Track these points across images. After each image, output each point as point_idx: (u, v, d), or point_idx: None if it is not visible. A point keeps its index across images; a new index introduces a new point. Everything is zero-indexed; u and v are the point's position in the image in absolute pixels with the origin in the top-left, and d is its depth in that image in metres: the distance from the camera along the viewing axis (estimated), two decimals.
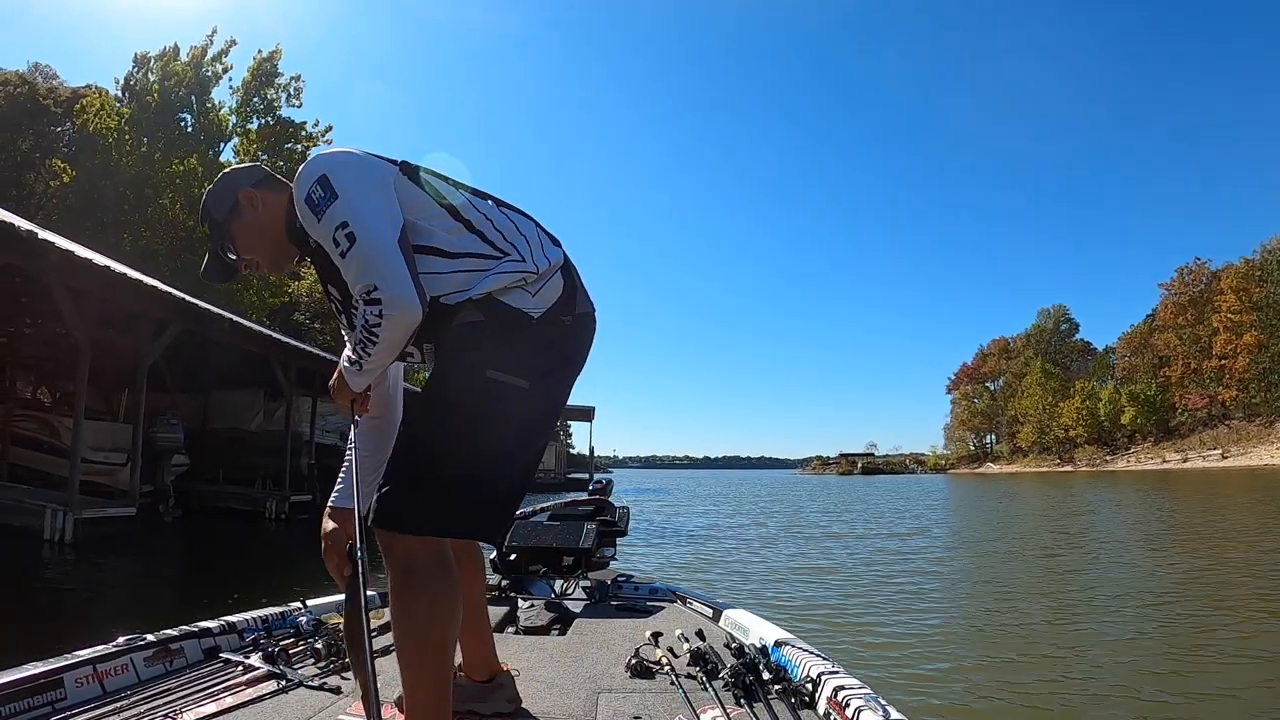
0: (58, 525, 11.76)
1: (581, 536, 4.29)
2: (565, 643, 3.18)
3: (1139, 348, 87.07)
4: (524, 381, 1.82)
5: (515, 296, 1.83)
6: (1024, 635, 6.80)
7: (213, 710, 2.22)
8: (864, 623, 7.31)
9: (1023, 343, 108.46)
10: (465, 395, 1.81)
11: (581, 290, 1.99)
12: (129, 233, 27.09)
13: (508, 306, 1.82)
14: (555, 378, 1.94)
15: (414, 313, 1.70)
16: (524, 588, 4.15)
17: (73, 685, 2.28)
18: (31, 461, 15.85)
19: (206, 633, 2.83)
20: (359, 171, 1.81)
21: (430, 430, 1.84)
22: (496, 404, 1.80)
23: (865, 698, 2.07)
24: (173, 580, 10.50)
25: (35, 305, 14.82)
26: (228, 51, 30.82)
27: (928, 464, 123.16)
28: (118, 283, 12.14)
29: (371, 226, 1.72)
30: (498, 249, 1.85)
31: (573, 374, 2.00)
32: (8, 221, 10.13)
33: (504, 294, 1.83)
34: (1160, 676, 5.47)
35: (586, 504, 4.75)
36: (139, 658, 2.54)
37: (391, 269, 1.69)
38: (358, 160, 1.85)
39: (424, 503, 1.79)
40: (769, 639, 2.87)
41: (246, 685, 2.45)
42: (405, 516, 1.79)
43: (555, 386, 1.95)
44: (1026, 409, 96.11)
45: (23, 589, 8.80)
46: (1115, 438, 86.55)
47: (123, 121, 28.87)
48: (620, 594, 4.12)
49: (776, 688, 2.40)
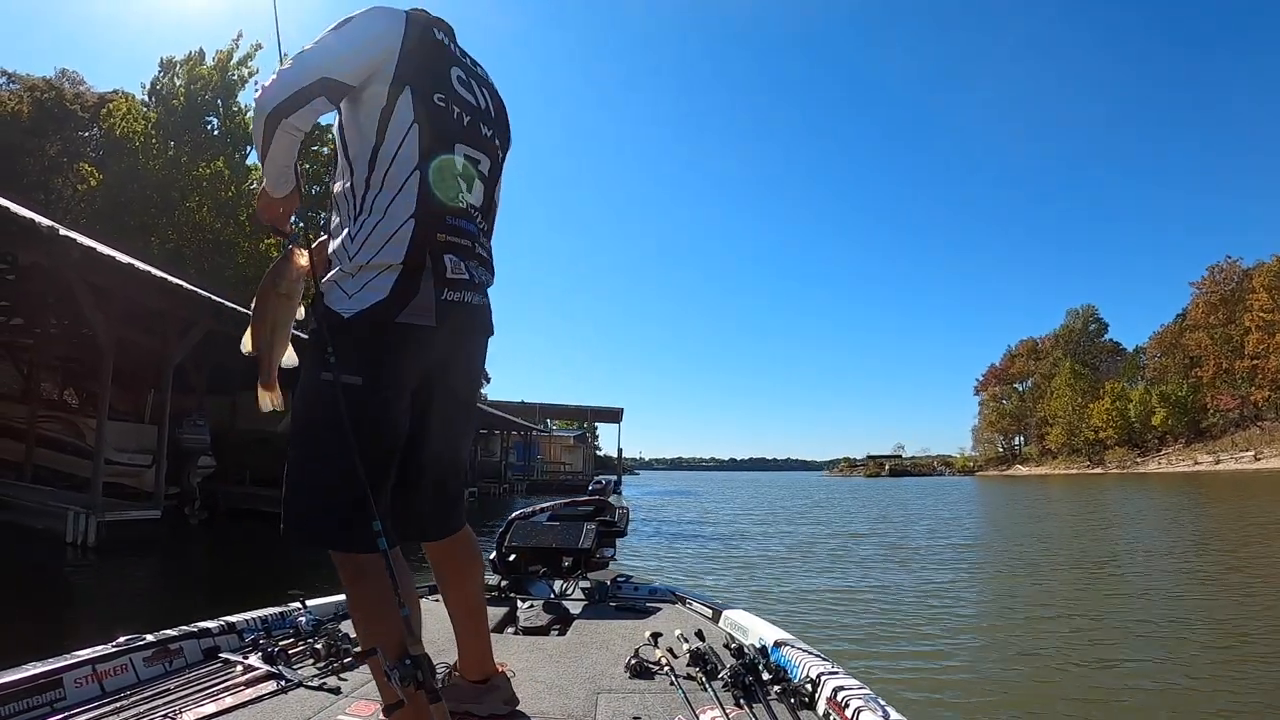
0: (80, 528, 11.63)
1: (581, 537, 4.31)
2: (565, 643, 3.19)
3: (1170, 348, 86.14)
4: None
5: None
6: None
7: (212, 710, 2.21)
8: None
9: (1051, 343, 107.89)
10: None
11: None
12: (156, 235, 27.04)
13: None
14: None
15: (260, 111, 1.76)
16: (523, 588, 4.15)
17: (72, 685, 2.27)
18: (56, 463, 15.78)
19: (206, 633, 2.83)
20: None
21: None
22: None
23: (865, 698, 2.06)
24: (196, 584, 10.30)
25: (60, 306, 14.78)
26: (253, 55, 30.68)
27: (955, 466, 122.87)
28: (140, 280, 12.00)
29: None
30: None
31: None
32: (28, 218, 9.98)
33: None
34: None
35: (586, 504, 4.73)
36: (138, 658, 2.53)
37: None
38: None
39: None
40: (768, 639, 2.89)
41: (246, 685, 2.45)
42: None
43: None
44: (1055, 410, 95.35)
45: (40, 593, 8.66)
46: (1146, 439, 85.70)
47: (149, 125, 28.82)
48: (620, 594, 4.13)
49: (776, 688, 2.37)
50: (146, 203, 27.70)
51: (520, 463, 49.51)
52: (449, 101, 1.92)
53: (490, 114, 2.09)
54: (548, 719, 2.27)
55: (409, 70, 1.83)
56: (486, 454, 43.48)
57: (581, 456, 67.00)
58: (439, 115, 1.89)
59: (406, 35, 1.84)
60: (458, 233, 1.94)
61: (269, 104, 1.73)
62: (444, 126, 1.91)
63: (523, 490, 40.49)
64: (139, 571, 10.80)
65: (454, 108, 1.94)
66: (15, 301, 16.05)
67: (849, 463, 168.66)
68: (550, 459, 59.20)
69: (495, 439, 46.12)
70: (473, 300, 1.97)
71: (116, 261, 11.36)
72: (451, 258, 1.90)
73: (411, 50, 1.84)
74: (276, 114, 1.73)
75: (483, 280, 2.05)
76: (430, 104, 1.87)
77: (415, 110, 1.84)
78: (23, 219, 9.92)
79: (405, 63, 1.83)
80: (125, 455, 15.01)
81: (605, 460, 72.83)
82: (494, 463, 43.61)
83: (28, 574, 9.77)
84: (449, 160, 1.92)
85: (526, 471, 49.35)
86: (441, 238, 1.88)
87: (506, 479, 42.49)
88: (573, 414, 68.66)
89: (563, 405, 66.06)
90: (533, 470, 50.91)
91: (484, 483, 36.63)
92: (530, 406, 57.16)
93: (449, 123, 1.92)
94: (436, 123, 1.88)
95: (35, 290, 14.13)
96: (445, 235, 1.90)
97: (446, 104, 1.91)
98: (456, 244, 1.93)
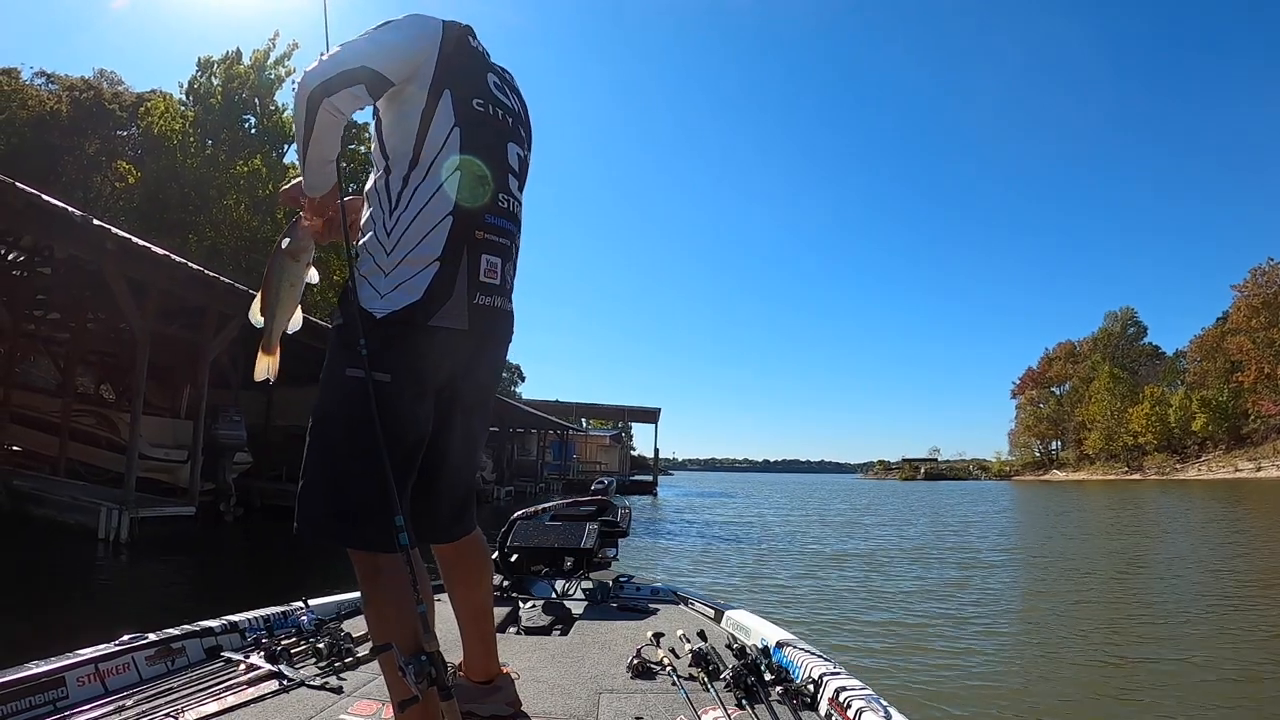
0: (113, 524, 11.50)
1: (583, 537, 4.36)
2: (567, 643, 3.19)
3: (1210, 351, 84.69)
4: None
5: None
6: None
7: (214, 709, 2.20)
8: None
9: (1089, 346, 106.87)
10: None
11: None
12: (194, 233, 27.15)
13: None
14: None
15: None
16: (525, 588, 4.14)
17: (74, 684, 2.26)
18: (91, 457, 15.75)
19: (208, 632, 2.82)
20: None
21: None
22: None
23: (867, 699, 2.05)
24: (227, 582, 10.03)
25: (97, 300, 14.76)
26: (290, 55, 30.85)
27: (992, 470, 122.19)
28: (177, 272, 11.91)
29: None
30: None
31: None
32: (60, 206, 9.87)
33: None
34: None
35: (588, 504, 4.77)
36: (141, 657, 2.52)
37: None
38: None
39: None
40: (770, 640, 2.87)
41: (248, 685, 2.43)
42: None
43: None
44: (1094, 415, 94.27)
45: (67, 591, 8.46)
46: (1186, 445, 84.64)
47: (187, 124, 29.11)
48: (622, 595, 4.13)
49: (778, 689, 2.36)
50: (184, 200, 27.94)
51: (556, 462, 49.51)
52: (488, 104, 1.96)
53: (523, 118, 2.14)
54: (550, 719, 2.26)
55: (449, 74, 1.87)
56: (523, 453, 43.53)
57: (617, 456, 66.67)
58: (479, 118, 1.92)
59: (444, 39, 1.88)
60: (496, 231, 1.95)
61: (313, 80, 1.73)
62: (484, 128, 1.94)
63: (559, 490, 40.10)
64: (169, 569, 10.56)
65: (496, 110, 1.98)
66: (52, 296, 16.10)
67: (884, 465, 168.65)
68: (586, 459, 58.84)
69: (532, 438, 46.11)
70: (502, 306, 1.99)
71: (152, 252, 11.24)
72: (489, 258, 1.91)
73: (450, 55, 1.88)
74: (320, 90, 1.72)
75: (512, 284, 2.06)
76: (470, 107, 1.90)
77: (456, 113, 1.87)
78: (54, 207, 9.81)
79: (444, 66, 1.86)
80: (160, 450, 14.95)
81: (640, 460, 72.49)
82: (530, 462, 43.58)
83: (54, 571, 9.55)
84: (490, 161, 1.94)
85: (562, 471, 49.23)
86: (480, 235, 1.89)
87: (543, 478, 42.43)
88: (609, 413, 68.00)
89: (599, 405, 65.59)
90: (568, 470, 50.77)
91: (520, 481, 36.51)
92: (566, 406, 56.98)
93: (490, 125, 1.96)
94: (477, 125, 1.91)
95: (72, 284, 14.12)
96: (484, 233, 1.90)
97: (486, 107, 1.95)
98: (495, 243, 1.94)
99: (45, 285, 15.56)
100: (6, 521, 11.99)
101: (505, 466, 34.76)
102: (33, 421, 16.34)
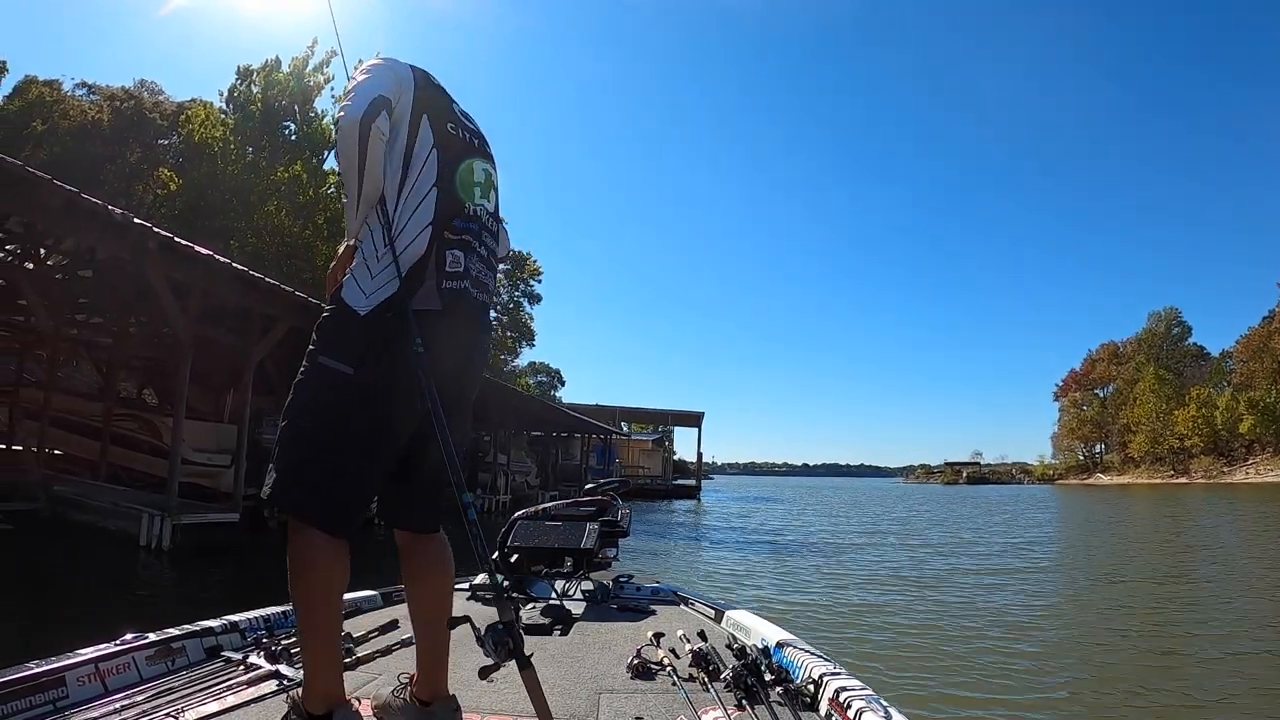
0: (154, 530, 11.28)
1: (583, 537, 4.40)
2: (566, 643, 3.21)
3: (1258, 351, 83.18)
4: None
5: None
6: None
7: (214, 709, 2.21)
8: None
9: (1133, 347, 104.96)
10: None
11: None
12: (236, 239, 27.25)
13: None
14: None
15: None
16: (525, 588, 4.14)
17: (75, 684, 2.28)
18: (131, 462, 15.64)
19: (208, 631, 2.85)
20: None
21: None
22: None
23: (867, 699, 2.06)
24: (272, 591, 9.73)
25: (140, 303, 14.64)
26: (328, 62, 30.92)
27: (1035, 474, 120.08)
28: (220, 272, 11.72)
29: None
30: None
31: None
32: (102, 206, 9.66)
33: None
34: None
35: (589, 504, 4.80)
36: (141, 656, 2.54)
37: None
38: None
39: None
40: (771, 640, 2.89)
41: (248, 684, 2.44)
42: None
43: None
44: (1139, 417, 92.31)
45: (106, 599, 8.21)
46: (1233, 448, 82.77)
47: (227, 131, 29.35)
48: (621, 595, 4.15)
49: (778, 689, 2.37)
50: (225, 207, 28.16)
51: (599, 466, 49.33)
52: (459, 128, 2.20)
53: (485, 140, 2.36)
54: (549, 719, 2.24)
55: (424, 103, 2.13)
56: (567, 457, 43.69)
57: (660, 460, 66.35)
58: (453, 139, 2.16)
59: (415, 75, 2.15)
60: (463, 232, 2.12)
61: (357, 111, 1.95)
62: (458, 148, 2.17)
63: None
64: (208, 577, 10.27)
65: (464, 133, 2.22)
66: (94, 299, 16.01)
67: (925, 469, 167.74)
68: (628, 462, 58.52)
69: (575, 442, 46.24)
70: (473, 292, 2.14)
71: (195, 251, 11.04)
72: (453, 252, 2.08)
73: (421, 88, 2.15)
74: (366, 118, 1.94)
75: (484, 278, 2.21)
76: (444, 130, 2.15)
77: (435, 135, 2.11)
78: (94, 205, 9.63)
79: (420, 96, 2.13)
80: (203, 455, 14.78)
81: (681, 464, 72.05)
82: (574, 466, 43.63)
83: (91, 578, 9.30)
84: (463, 175, 2.16)
85: (605, 475, 48.88)
86: (449, 237, 2.09)
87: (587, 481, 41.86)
88: (650, 417, 67.39)
89: (640, 408, 65.22)
90: (611, 474, 50.53)
91: (564, 486, 36.41)
92: (608, 410, 56.63)
93: (462, 145, 2.19)
94: (452, 145, 2.15)
95: (115, 287, 13.98)
96: (451, 234, 2.09)
97: (457, 130, 2.20)
98: (460, 240, 2.11)
99: (87, 289, 15.47)
100: (48, 528, 11.81)
101: (550, 471, 34.48)
102: (74, 426, 16.25)
